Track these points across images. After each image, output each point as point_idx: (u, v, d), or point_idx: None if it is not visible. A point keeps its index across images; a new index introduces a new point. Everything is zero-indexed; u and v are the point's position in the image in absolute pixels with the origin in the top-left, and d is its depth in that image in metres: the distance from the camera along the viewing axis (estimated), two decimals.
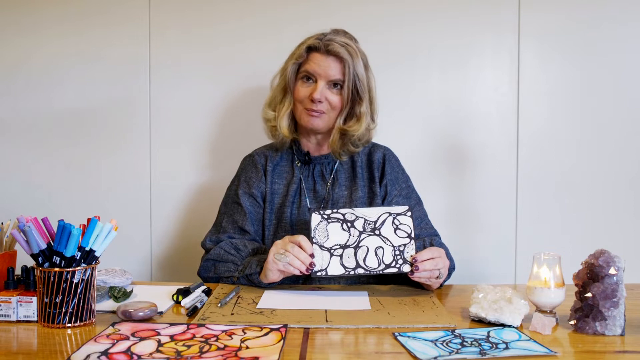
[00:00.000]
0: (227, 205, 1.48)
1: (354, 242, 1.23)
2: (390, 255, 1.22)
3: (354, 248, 1.23)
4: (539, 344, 0.92)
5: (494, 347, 0.90)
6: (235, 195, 1.47)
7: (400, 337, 0.94)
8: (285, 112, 1.43)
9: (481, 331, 0.98)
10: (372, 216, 1.26)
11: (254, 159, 1.51)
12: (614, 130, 1.80)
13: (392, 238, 1.23)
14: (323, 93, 1.38)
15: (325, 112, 1.41)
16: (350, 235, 1.24)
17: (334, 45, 1.37)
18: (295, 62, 1.41)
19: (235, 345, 0.90)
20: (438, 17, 1.81)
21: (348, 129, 1.41)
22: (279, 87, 1.46)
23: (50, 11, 1.86)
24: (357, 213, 1.26)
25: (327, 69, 1.38)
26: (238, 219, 1.43)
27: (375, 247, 1.23)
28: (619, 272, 0.99)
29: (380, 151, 1.50)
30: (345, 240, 1.24)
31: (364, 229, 1.24)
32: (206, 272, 1.38)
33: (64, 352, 0.89)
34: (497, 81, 1.82)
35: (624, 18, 1.78)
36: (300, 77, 1.42)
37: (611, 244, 1.15)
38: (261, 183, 1.47)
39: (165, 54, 1.85)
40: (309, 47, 1.39)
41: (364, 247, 1.23)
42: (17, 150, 1.89)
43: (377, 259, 1.21)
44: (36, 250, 1.01)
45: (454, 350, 0.89)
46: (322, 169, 1.48)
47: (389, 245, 1.23)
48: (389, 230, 1.24)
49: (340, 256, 1.22)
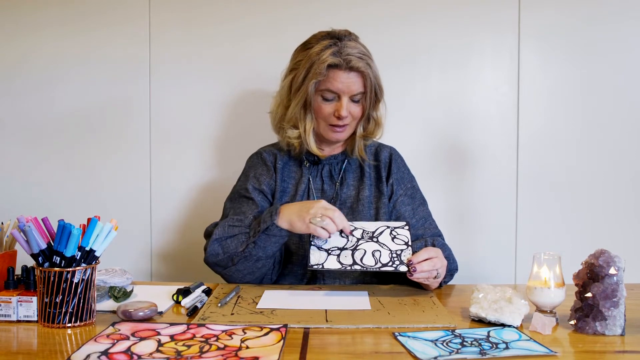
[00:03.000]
0: (233, 201, 1.45)
1: (352, 245, 1.25)
2: (387, 256, 1.23)
3: (351, 250, 1.24)
4: (539, 344, 0.92)
5: (494, 347, 0.90)
6: (244, 190, 1.44)
7: (400, 337, 0.94)
8: (309, 129, 1.42)
9: (481, 331, 0.98)
10: (371, 228, 1.29)
11: (262, 157, 1.50)
12: (614, 130, 1.80)
13: (389, 244, 1.25)
14: (348, 108, 1.39)
15: (349, 124, 1.42)
16: (349, 241, 1.26)
17: (354, 60, 1.34)
18: (315, 80, 1.36)
19: (235, 345, 0.90)
20: (438, 17, 1.81)
21: (371, 134, 1.46)
22: (298, 105, 1.40)
23: (50, 11, 1.86)
24: (355, 225, 1.30)
25: (350, 86, 1.37)
26: (247, 209, 1.40)
27: (373, 250, 1.24)
28: (619, 272, 0.99)
29: (387, 150, 1.52)
30: (344, 244, 1.25)
31: (362, 237, 1.27)
32: (215, 256, 1.31)
33: (64, 352, 0.89)
34: (497, 81, 1.82)
35: (624, 17, 1.78)
36: (320, 94, 1.39)
37: (611, 244, 1.15)
38: (271, 180, 1.46)
39: (165, 54, 1.85)
40: (329, 65, 1.35)
41: (362, 249, 1.24)
42: (17, 150, 1.89)
43: (374, 259, 1.22)
44: (36, 250, 1.01)
45: (454, 350, 0.89)
46: (330, 169, 1.48)
47: (386, 249, 1.24)
48: (387, 238, 1.27)
49: (338, 255, 1.23)
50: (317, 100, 1.40)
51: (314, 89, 1.38)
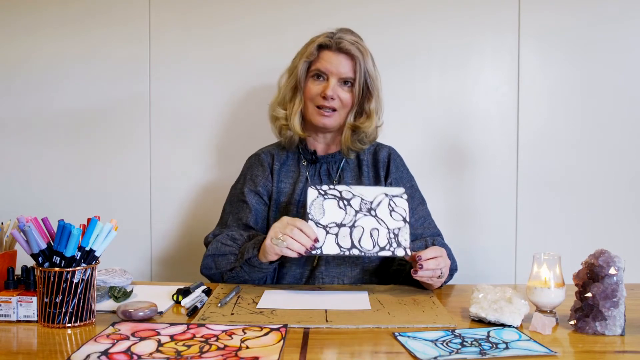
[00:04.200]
0: (232, 204, 1.48)
1: (350, 221, 1.23)
2: (384, 237, 1.22)
3: (349, 227, 1.23)
4: (539, 344, 0.92)
5: (494, 347, 0.90)
6: (240, 193, 1.46)
7: (400, 337, 0.94)
8: (296, 110, 1.43)
9: (481, 331, 0.98)
10: (369, 196, 1.27)
11: (260, 158, 1.51)
12: (614, 130, 1.80)
13: (387, 220, 1.24)
14: (335, 90, 1.39)
15: (337, 110, 1.42)
16: (347, 214, 1.24)
17: (344, 42, 1.38)
18: (306, 60, 1.41)
19: (235, 345, 0.90)
20: (438, 17, 1.81)
21: (360, 125, 1.43)
22: (288, 86, 1.45)
23: (50, 11, 1.86)
24: (354, 191, 1.27)
25: (338, 66, 1.39)
26: (242, 216, 1.43)
27: (371, 229, 1.23)
28: (619, 272, 0.99)
29: (386, 150, 1.51)
30: (342, 219, 1.24)
31: (360, 209, 1.25)
32: (208, 270, 1.37)
33: (64, 352, 0.89)
34: (497, 81, 1.82)
35: (624, 18, 1.78)
36: (310, 76, 1.42)
37: (611, 244, 1.15)
38: (267, 181, 1.46)
39: (165, 54, 1.85)
40: (319, 45, 1.40)
41: (360, 227, 1.23)
42: (17, 150, 1.89)
43: (372, 240, 1.22)
44: (36, 250, 1.01)
45: (454, 350, 0.89)
46: (328, 167, 1.48)
47: (384, 227, 1.23)
48: (385, 212, 1.25)
49: (336, 235, 1.22)
50: (307, 82, 1.42)
51: (305, 70, 1.41)
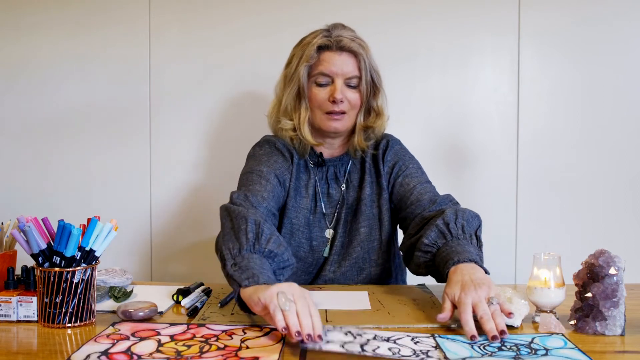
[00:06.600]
0: (248, 177, 1.31)
1: (361, 341, 0.91)
2: (409, 351, 0.88)
3: (360, 345, 0.89)
4: (584, 353, 0.87)
5: (532, 352, 0.87)
6: (259, 171, 1.32)
7: (438, 338, 0.93)
8: (304, 119, 1.35)
9: (525, 337, 0.95)
10: (386, 333, 0.95)
11: (277, 146, 1.39)
12: (614, 130, 1.80)
13: (411, 345, 0.91)
14: (343, 92, 1.32)
15: (346, 112, 1.34)
16: (355, 337, 0.93)
17: (344, 40, 1.31)
18: (307, 64, 1.32)
19: (235, 345, 0.90)
20: (438, 17, 1.81)
21: (372, 124, 1.37)
22: (290, 94, 1.35)
23: (50, 11, 1.86)
24: (366, 330, 0.97)
25: (343, 66, 1.31)
26: (260, 189, 1.28)
27: (389, 347, 0.89)
28: (619, 272, 0.99)
29: (385, 139, 1.43)
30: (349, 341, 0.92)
31: (375, 338, 0.93)
32: (221, 226, 1.16)
33: (64, 352, 0.89)
34: (497, 81, 1.82)
35: (624, 18, 1.78)
36: (313, 81, 1.33)
37: (611, 244, 1.15)
38: (287, 172, 1.36)
39: (165, 54, 1.85)
40: (319, 46, 1.31)
41: (374, 345, 0.90)
42: (18, 150, 1.89)
43: (391, 352, 0.87)
44: (36, 250, 1.01)
45: (489, 353, 0.87)
46: (335, 171, 1.41)
47: (407, 348, 0.89)
48: (408, 341, 0.92)
49: (342, 345, 0.89)
50: (311, 88, 1.34)
51: (307, 75, 1.33)
